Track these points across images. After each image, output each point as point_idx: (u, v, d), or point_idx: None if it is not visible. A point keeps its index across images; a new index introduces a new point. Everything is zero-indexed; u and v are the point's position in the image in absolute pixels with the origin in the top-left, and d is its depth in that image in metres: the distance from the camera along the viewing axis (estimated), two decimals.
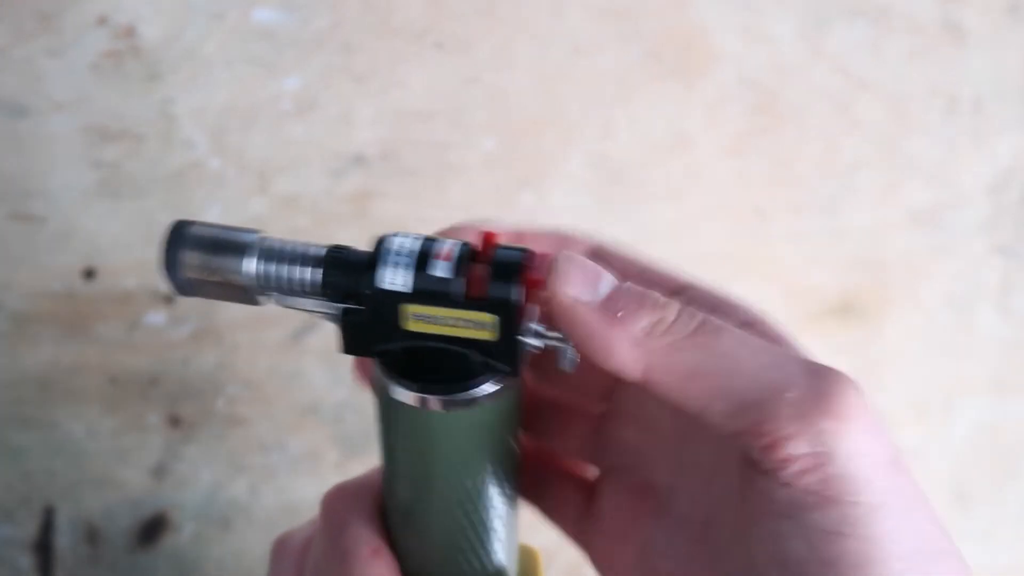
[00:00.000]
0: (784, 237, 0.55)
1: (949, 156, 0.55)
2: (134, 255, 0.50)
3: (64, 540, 0.51)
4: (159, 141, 0.49)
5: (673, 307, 0.27)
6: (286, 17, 0.50)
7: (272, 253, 0.28)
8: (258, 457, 0.52)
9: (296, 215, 0.50)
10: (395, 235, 0.28)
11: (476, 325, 0.27)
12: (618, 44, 0.53)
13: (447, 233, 0.30)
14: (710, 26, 0.53)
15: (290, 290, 0.28)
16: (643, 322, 0.26)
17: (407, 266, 0.27)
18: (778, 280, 0.55)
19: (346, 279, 0.27)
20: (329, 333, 0.51)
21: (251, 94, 0.50)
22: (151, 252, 0.50)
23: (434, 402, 0.28)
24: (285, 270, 0.27)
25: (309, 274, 0.27)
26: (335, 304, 0.28)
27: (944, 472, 0.57)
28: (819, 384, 0.25)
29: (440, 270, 0.27)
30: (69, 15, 0.48)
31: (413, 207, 0.51)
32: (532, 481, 0.34)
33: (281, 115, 0.50)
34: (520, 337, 0.27)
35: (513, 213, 0.52)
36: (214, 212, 0.50)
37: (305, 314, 0.28)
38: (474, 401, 0.28)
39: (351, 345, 0.28)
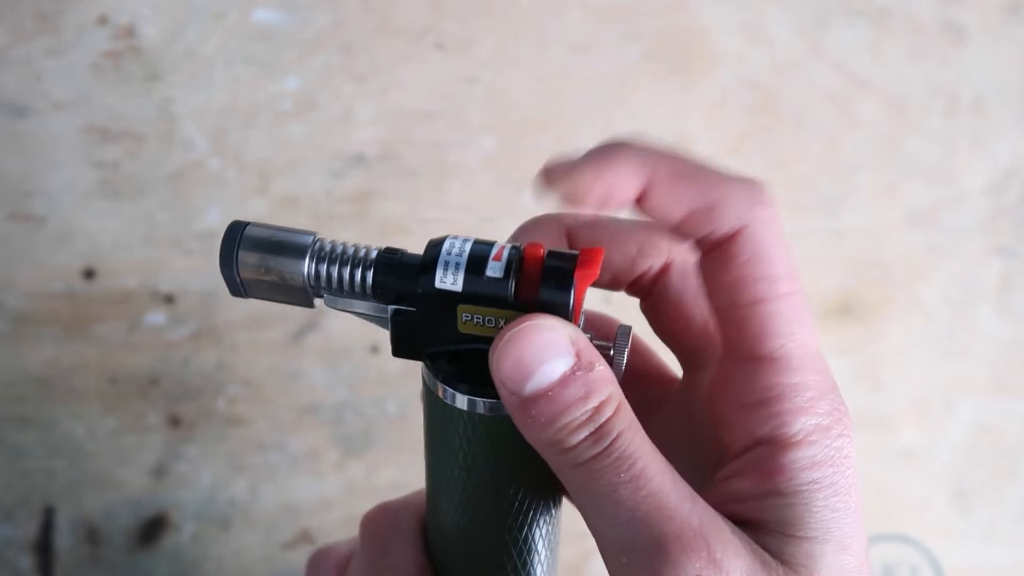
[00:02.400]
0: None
1: (949, 156, 0.55)
2: (134, 255, 0.50)
3: (64, 540, 0.51)
4: (159, 141, 0.49)
5: (579, 432, 0.26)
6: (286, 17, 0.50)
7: (326, 255, 0.28)
8: (258, 457, 0.52)
9: (296, 215, 0.50)
10: (446, 237, 0.28)
11: None
12: (618, 44, 0.53)
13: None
14: (710, 26, 0.53)
15: (342, 291, 0.28)
16: (547, 433, 0.26)
17: (458, 267, 0.27)
18: None
19: (397, 280, 0.27)
20: (329, 334, 0.51)
21: (251, 94, 0.50)
22: (151, 252, 0.50)
23: (483, 405, 0.28)
24: (337, 271, 0.28)
25: (360, 275, 0.28)
26: (386, 306, 0.28)
27: (944, 472, 0.57)
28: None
29: (491, 271, 0.27)
30: (69, 15, 0.48)
31: (413, 207, 0.51)
32: None
33: (281, 115, 0.50)
34: None
35: (513, 213, 0.52)
36: (214, 212, 0.50)
37: (304, 313, 0.28)
38: None
39: (400, 347, 0.28)
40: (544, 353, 0.26)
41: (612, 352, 0.28)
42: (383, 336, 0.52)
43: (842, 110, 0.54)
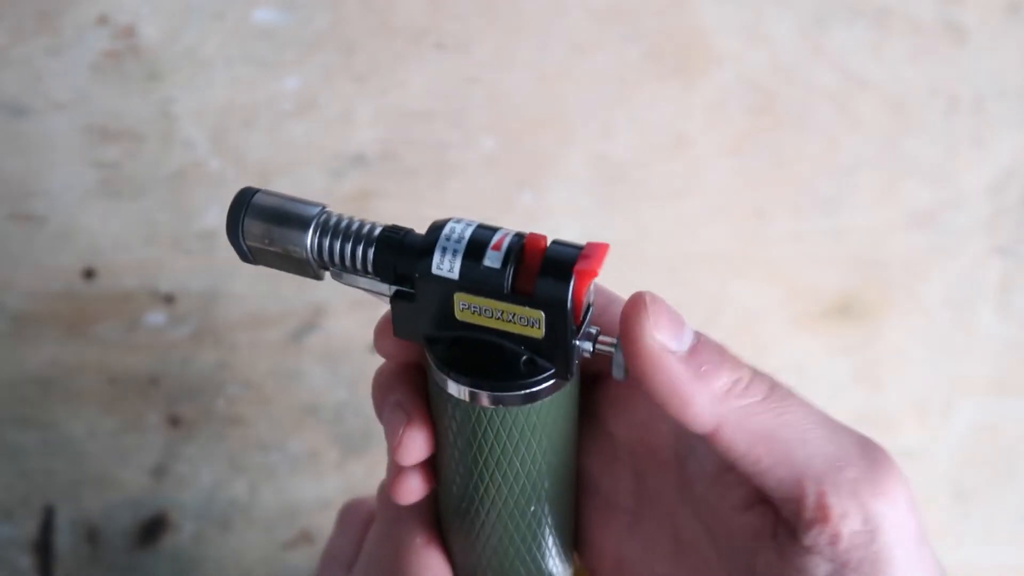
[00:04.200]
0: (784, 237, 0.55)
1: (949, 156, 0.55)
2: (134, 255, 0.50)
3: (64, 540, 0.51)
4: (159, 141, 0.49)
5: (747, 368, 0.28)
6: (286, 17, 0.50)
7: (331, 228, 0.27)
8: (258, 457, 0.52)
9: None
10: (449, 220, 0.27)
11: (523, 320, 0.26)
12: (618, 44, 0.53)
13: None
14: (710, 26, 0.53)
15: (345, 266, 0.27)
16: (723, 380, 0.27)
17: (455, 253, 0.26)
18: (778, 280, 0.55)
19: (396, 261, 0.27)
20: (329, 334, 0.51)
21: (251, 94, 0.50)
22: (151, 252, 0.50)
23: (480, 396, 0.27)
24: (340, 246, 0.27)
25: (361, 252, 0.27)
26: (387, 285, 0.27)
27: (944, 472, 0.57)
28: (872, 464, 0.27)
29: (488, 260, 0.26)
30: (69, 15, 0.48)
31: (413, 207, 0.51)
32: None
33: (281, 115, 0.50)
34: (573, 339, 0.26)
35: (513, 213, 0.52)
36: (214, 212, 0.50)
37: (304, 313, 0.28)
38: (524, 399, 0.27)
39: (400, 327, 0.28)
40: (680, 315, 0.27)
41: (615, 350, 0.27)
42: None
43: (842, 110, 0.54)
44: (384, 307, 0.28)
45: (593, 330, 0.27)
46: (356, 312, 0.51)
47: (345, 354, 0.52)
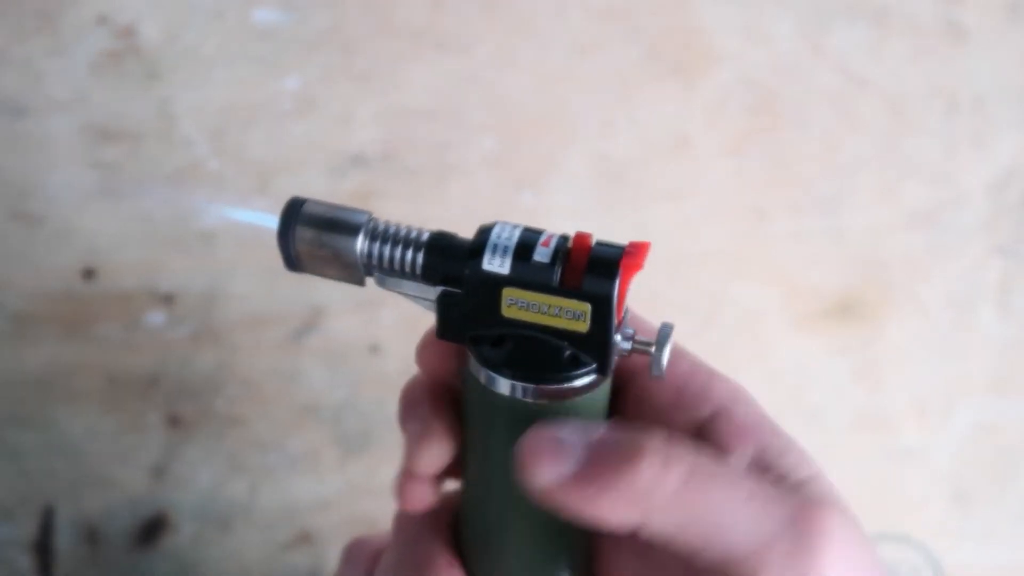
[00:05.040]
0: (784, 237, 0.55)
1: (949, 156, 0.55)
2: (134, 255, 0.50)
3: (64, 540, 0.51)
4: (159, 141, 0.49)
5: (662, 448, 0.27)
6: (286, 17, 0.50)
7: (380, 233, 0.29)
8: (257, 457, 0.52)
9: None
10: (497, 223, 0.29)
11: (569, 314, 0.27)
12: (618, 44, 0.53)
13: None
14: (710, 26, 0.53)
15: (392, 271, 0.29)
16: (637, 475, 0.26)
17: (506, 250, 0.28)
18: (778, 280, 0.55)
19: (445, 262, 0.28)
20: (329, 334, 0.51)
21: (251, 94, 0.50)
22: (151, 252, 0.50)
23: (526, 390, 0.28)
24: (389, 251, 0.29)
25: (410, 255, 0.29)
26: (433, 287, 0.29)
27: (944, 472, 0.57)
28: (806, 535, 0.26)
29: (538, 255, 0.27)
30: (69, 15, 0.48)
31: (413, 207, 0.51)
32: None
33: (281, 115, 0.50)
34: (615, 334, 0.27)
35: (513, 213, 0.52)
36: (214, 212, 0.50)
37: (304, 313, 0.28)
38: (564, 394, 0.28)
39: (445, 329, 0.29)
40: (557, 435, 0.27)
41: (653, 349, 0.28)
42: (383, 336, 0.52)
43: (842, 110, 0.54)
44: (426, 315, 0.29)
45: (630, 330, 0.29)
46: (356, 312, 0.51)
47: (345, 354, 0.52)
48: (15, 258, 0.49)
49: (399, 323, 0.52)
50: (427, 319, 0.30)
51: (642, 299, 0.33)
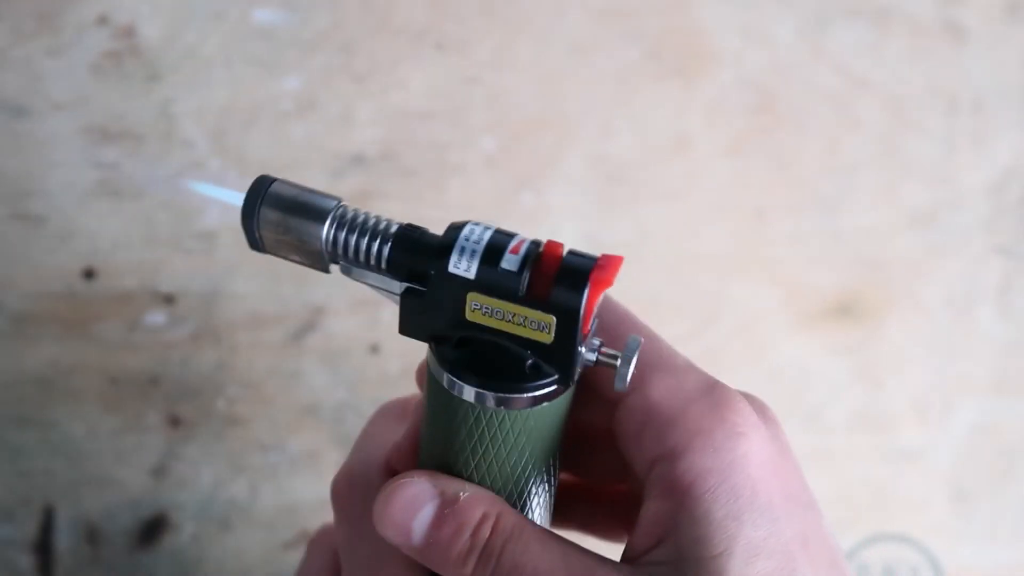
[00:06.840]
0: (784, 237, 0.55)
1: (949, 156, 0.55)
2: (134, 255, 0.50)
3: (64, 540, 0.51)
4: (159, 141, 0.49)
5: (468, 561, 0.28)
6: (286, 17, 0.50)
7: (347, 222, 0.28)
8: (258, 457, 0.52)
9: None
10: (468, 223, 0.28)
11: (534, 325, 0.26)
12: (618, 44, 0.53)
13: None
14: (710, 26, 0.53)
15: (358, 261, 0.28)
16: (450, 570, 0.28)
17: (474, 254, 0.27)
18: (778, 280, 0.55)
19: (412, 258, 0.27)
20: (329, 334, 0.51)
21: (251, 94, 0.50)
22: (151, 252, 0.50)
23: (485, 397, 0.27)
24: (355, 240, 0.28)
25: (376, 248, 0.28)
26: (398, 282, 0.28)
27: (944, 472, 0.57)
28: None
29: (506, 263, 0.27)
30: (69, 15, 0.48)
31: (413, 207, 0.51)
32: (574, 510, 0.35)
33: (281, 115, 0.50)
34: (580, 347, 0.27)
35: (513, 213, 0.52)
36: (214, 212, 0.50)
37: (304, 313, 0.28)
38: (523, 403, 0.27)
39: (407, 326, 0.28)
40: (411, 507, 0.28)
41: (619, 362, 0.27)
42: (383, 337, 0.52)
43: (842, 110, 0.54)
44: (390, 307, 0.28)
45: (596, 341, 0.28)
46: (356, 312, 0.51)
47: (345, 354, 0.52)
48: (15, 258, 0.49)
49: None
50: None
51: (642, 300, 0.33)
